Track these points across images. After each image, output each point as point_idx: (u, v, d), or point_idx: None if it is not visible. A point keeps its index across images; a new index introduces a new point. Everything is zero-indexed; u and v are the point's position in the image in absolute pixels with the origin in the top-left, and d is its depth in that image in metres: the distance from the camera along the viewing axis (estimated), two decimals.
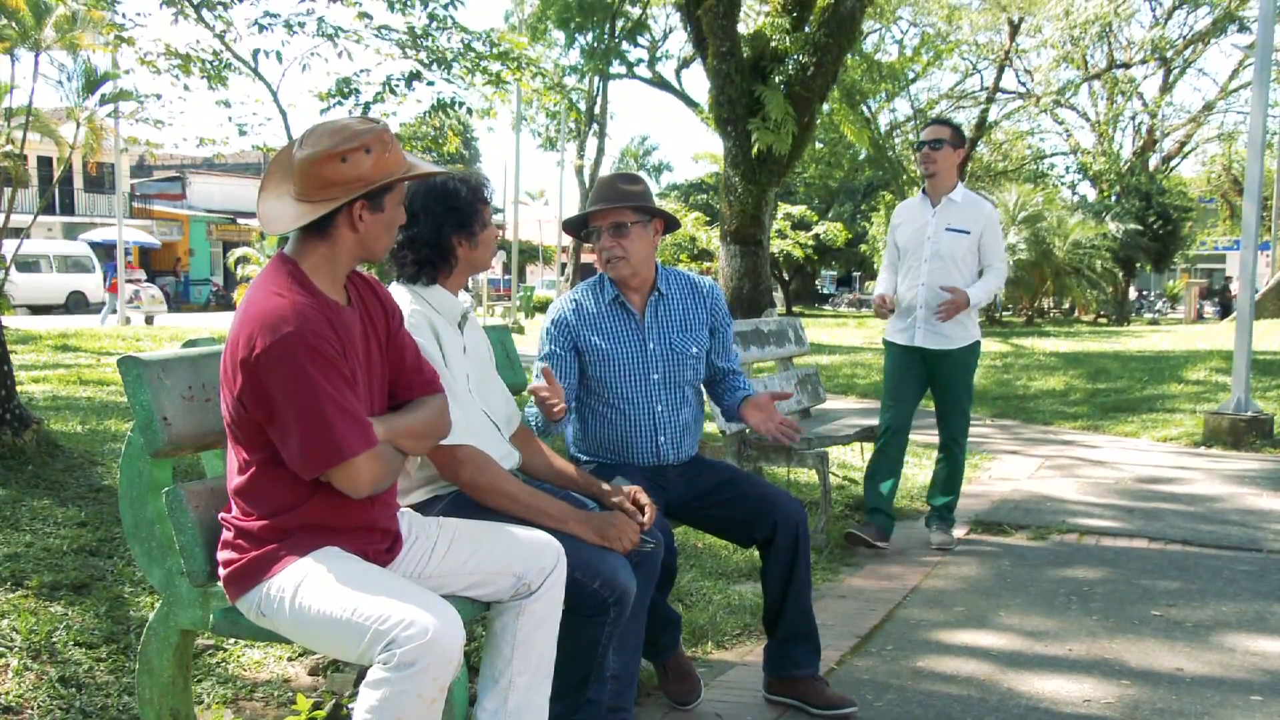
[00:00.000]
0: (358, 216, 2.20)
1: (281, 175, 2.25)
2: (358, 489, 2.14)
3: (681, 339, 3.24)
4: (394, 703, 1.98)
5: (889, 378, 5.06)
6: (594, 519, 2.59)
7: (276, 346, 2.06)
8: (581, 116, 33.35)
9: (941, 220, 4.88)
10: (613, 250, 3.13)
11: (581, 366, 3.20)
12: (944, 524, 5.03)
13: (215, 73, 11.96)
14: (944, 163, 4.86)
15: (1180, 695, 3.24)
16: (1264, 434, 8.00)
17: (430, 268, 2.70)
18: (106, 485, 4.78)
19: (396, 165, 2.24)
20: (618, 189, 3.14)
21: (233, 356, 2.11)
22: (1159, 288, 44.35)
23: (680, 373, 3.23)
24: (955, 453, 5.03)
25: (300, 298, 2.13)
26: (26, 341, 14.11)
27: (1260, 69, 8.39)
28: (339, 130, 2.20)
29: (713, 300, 3.34)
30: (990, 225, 4.91)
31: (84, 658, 3.09)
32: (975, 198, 5.00)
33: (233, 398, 2.13)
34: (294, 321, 2.08)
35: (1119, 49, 34.81)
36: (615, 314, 3.21)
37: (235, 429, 2.17)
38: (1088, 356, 15.34)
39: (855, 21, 12.63)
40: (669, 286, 3.27)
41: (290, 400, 2.06)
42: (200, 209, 40.56)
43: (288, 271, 2.19)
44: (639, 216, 3.13)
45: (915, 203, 5.08)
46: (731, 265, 12.71)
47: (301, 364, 2.06)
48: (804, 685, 3.10)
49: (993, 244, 4.92)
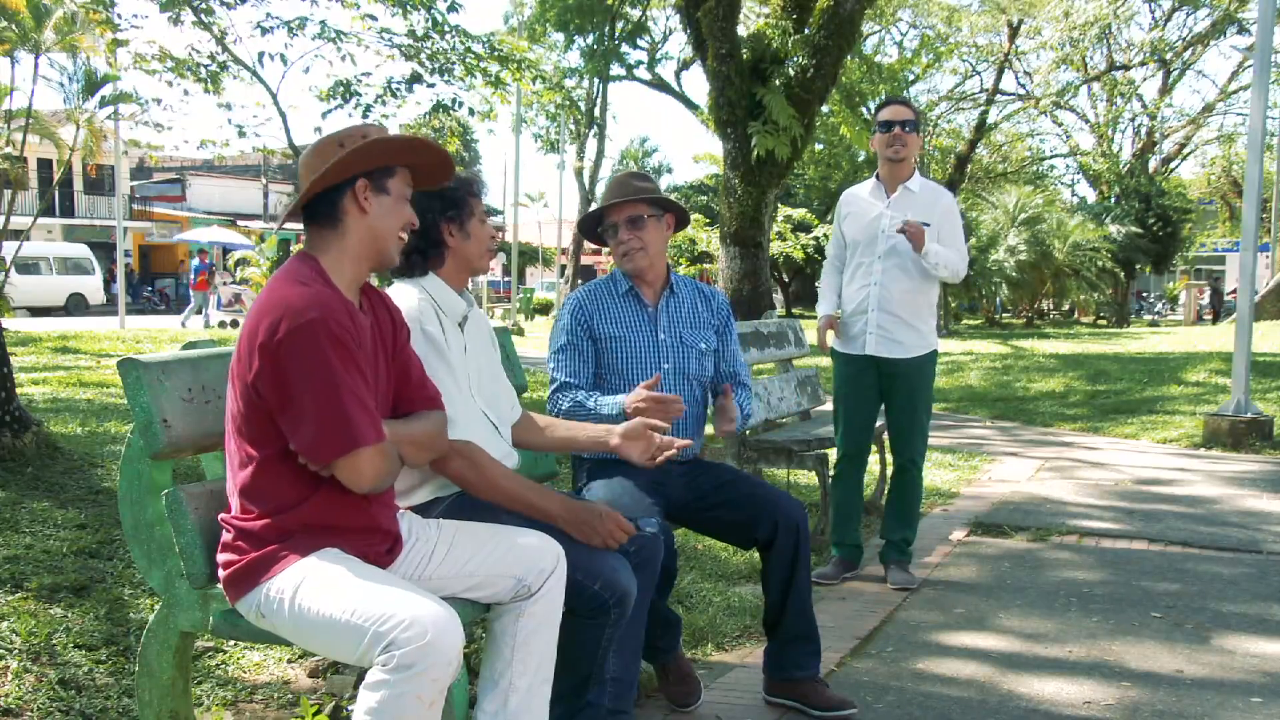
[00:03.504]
0: (364, 198, 2.26)
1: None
2: (361, 481, 2.15)
3: (692, 334, 3.33)
4: (393, 704, 1.98)
5: (840, 395, 4.52)
6: (582, 515, 2.57)
7: (301, 331, 2.08)
8: (581, 118, 33.35)
9: (898, 211, 4.33)
10: (630, 243, 3.22)
11: (596, 354, 3.25)
12: (902, 560, 4.47)
13: (212, 77, 11.96)
14: (913, 146, 4.35)
15: (1180, 697, 3.24)
16: (1263, 436, 8.00)
17: (420, 255, 2.71)
18: (106, 487, 4.78)
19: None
20: (632, 185, 3.25)
21: (250, 343, 2.13)
22: (1159, 290, 44.37)
23: (690, 365, 3.30)
24: (914, 476, 4.47)
25: (322, 288, 2.18)
26: (26, 343, 14.11)
27: (1259, 70, 8.39)
28: (340, 129, 2.30)
29: (717, 304, 3.45)
30: (950, 215, 4.39)
31: (84, 660, 3.09)
32: (934, 186, 4.48)
33: (245, 386, 2.14)
34: (318, 308, 2.11)
35: (1118, 51, 34.84)
36: (629, 305, 3.30)
37: (244, 422, 2.17)
38: (1087, 358, 15.35)
39: (855, 23, 12.61)
40: (679, 286, 3.38)
41: (309, 385, 2.08)
42: (200, 211, 40.59)
43: (310, 266, 2.24)
44: (654, 210, 3.24)
45: (865, 191, 4.49)
46: (731, 267, 12.69)
47: (323, 350, 2.09)
48: (804, 687, 3.10)
49: (953, 236, 4.38)
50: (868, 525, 5.43)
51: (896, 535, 4.49)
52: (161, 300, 36.05)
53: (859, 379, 4.45)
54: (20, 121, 16.73)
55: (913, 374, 4.40)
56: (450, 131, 14.51)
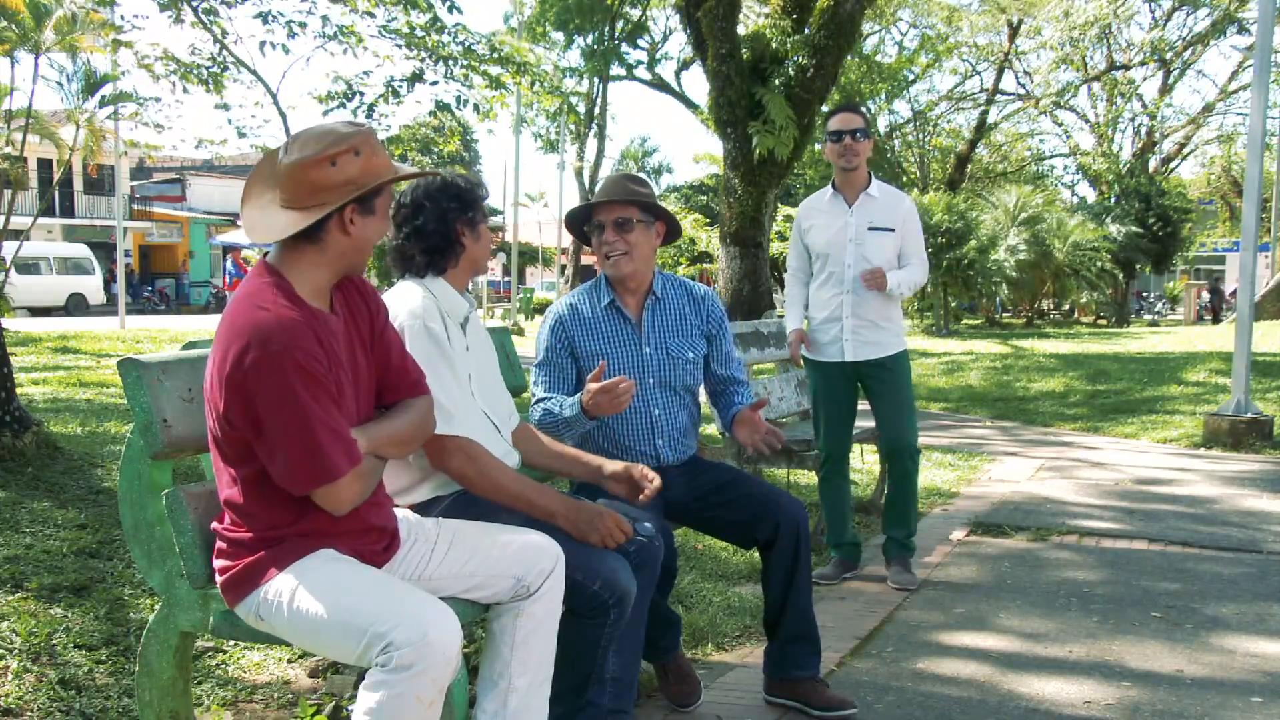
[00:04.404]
0: (349, 220, 2.19)
1: (265, 184, 2.22)
2: (340, 508, 2.14)
3: (678, 344, 3.24)
4: (392, 704, 1.98)
5: (819, 402, 4.56)
6: (581, 514, 2.57)
7: (264, 364, 2.03)
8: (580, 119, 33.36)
9: (861, 218, 4.36)
10: (615, 245, 3.12)
11: (578, 372, 3.19)
12: (903, 558, 4.48)
13: (213, 78, 11.97)
14: (865, 153, 4.35)
15: (1180, 696, 3.24)
16: (1263, 435, 8.00)
17: (439, 256, 2.70)
18: (106, 487, 4.78)
19: (385, 167, 2.22)
20: (626, 186, 3.14)
21: (219, 371, 2.08)
22: (1159, 290, 44.35)
23: (676, 377, 3.22)
24: (912, 472, 4.48)
25: (286, 311, 2.10)
26: (26, 343, 14.11)
27: (1259, 70, 8.39)
28: (326, 134, 2.18)
29: (708, 307, 3.33)
30: (910, 219, 4.43)
31: (84, 660, 3.09)
32: (893, 190, 4.51)
33: (218, 415, 2.11)
34: (280, 339, 2.04)
35: (1118, 51, 34.85)
36: (611, 318, 3.21)
37: (222, 445, 2.15)
38: (1087, 358, 15.34)
39: (855, 23, 12.62)
40: (665, 291, 3.26)
41: (278, 420, 2.04)
42: (200, 211, 40.59)
43: (271, 283, 2.15)
44: (644, 215, 3.13)
45: (824, 200, 4.49)
46: (731, 267, 12.70)
47: (290, 384, 2.03)
48: (804, 687, 3.10)
49: (914, 239, 4.43)
50: (866, 525, 5.44)
51: (900, 533, 4.50)
52: (161, 300, 36.05)
53: (836, 384, 4.50)
54: (20, 121, 16.73)
55: (894, 370, 4.45)
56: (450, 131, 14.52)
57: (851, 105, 4.52)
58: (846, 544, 4.58)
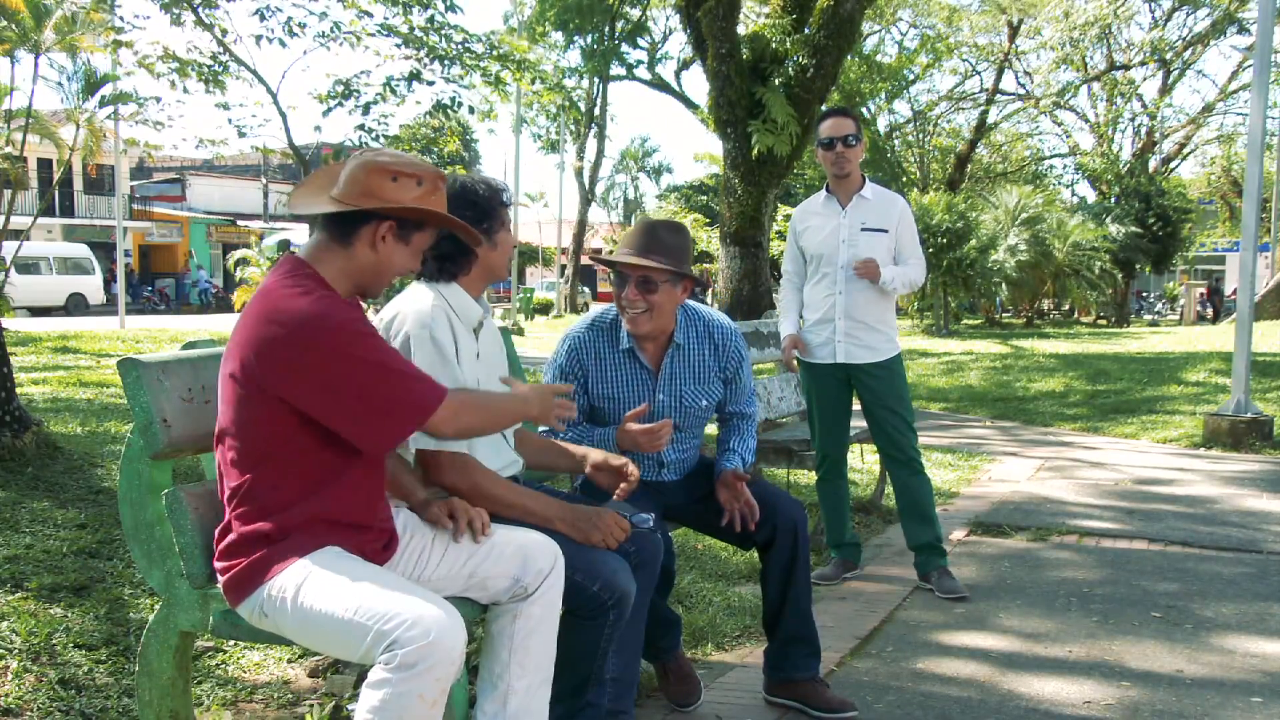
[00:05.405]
0: (381, 237, 2.23)
1: (323, 184, 2.29)
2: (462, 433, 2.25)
3: (693, 392, 3.18)
4: (395, 703, 1.98)
5: (813, 404, 4.54)
6: (580, 518, 2.57)
7: (327, 336, 2.09)
8: (581, 117, 33.37)
9: (855, 220, 4.37)
10: (636, 304, 3.01)
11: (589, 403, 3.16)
12: (942, 566, 4.39)
13: (213, 76, 11.97)
14: (856, 159, 4.35)
15: (1180, 696, 3.24)
16: (1263, 435, 8.00)
17: (451, 263, 2.67)
18: (106, 487, 4.78)
19: (439, 206, 2.29)
20: (658, 239, 3.01)
21: (269, 354, 2.09)
22: (1159, 289, 44.35)
23: (688, 423, 3.21)
24: (911, 482, 4.43)
25: (329, 293, 2.18)
26: (26, 343, 14.11)
27: (1259, 70, 8.39)
28: (402, 155, 2.29)
29: (728, 349, 3.22)
30: (905, 220, 4.41)
31: (84, 660, 3.09)
32: (886, 192, 4.49)
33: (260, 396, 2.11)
34: (339, 311, 2.13)
35: (1118, 51, 34.84)
36: (628, 365, 3.14)
37: (246, 426, 2.15)
38: (1087, 358, 15.35)
39: (855, 23, 12.62)
40: (686, 338, 3.17)
41: (356, 381, 2.09)
42: (200, 211, 40.59)
43: (308, 274, 2.20)
44: (670, 276, 3.01)
45: (818, 204, 4.50)
46: (731, 266, 12.70)
47: (358, 347, 2.11)
48: (804, 687, 3.10)
49: (909, 240, 4.42)
50: (867, 525, 5.45)
51: (927, 539, 4.40)
52: (161, 300, 36.02)
53: (829, 386, 4.47)
54: (20, 121, 16.73)
55: (888, 376, 4.41)
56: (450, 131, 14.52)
57: (842, 109, 4.49)
58: (846, 544, 4.59)
